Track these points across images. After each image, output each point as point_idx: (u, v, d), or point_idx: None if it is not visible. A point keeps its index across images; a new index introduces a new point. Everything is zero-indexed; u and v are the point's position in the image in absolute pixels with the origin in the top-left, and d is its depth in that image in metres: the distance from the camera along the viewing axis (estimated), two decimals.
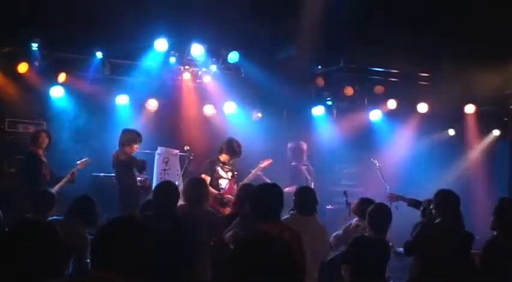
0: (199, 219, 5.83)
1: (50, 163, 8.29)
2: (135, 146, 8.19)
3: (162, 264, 4.58)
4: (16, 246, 2.64)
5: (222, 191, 8.16)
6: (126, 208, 7.68)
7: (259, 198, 4.67)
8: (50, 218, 5.62)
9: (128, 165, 8.12)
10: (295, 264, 2.39)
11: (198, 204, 6.00)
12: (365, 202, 6.23)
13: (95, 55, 9.46)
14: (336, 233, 6.74)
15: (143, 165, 8.28)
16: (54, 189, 6.94)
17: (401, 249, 6.16)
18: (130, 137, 8.16)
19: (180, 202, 5.91)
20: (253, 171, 8.61)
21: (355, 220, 6.63)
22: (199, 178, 6.45)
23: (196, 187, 6.12)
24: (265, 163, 8.80)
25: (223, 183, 8.28)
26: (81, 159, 8.23)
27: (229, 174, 8.35)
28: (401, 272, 6.36)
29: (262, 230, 4.30)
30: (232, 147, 8.33)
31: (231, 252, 2.54)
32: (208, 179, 8.02)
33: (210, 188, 7.86)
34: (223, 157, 8.34)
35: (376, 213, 5.52)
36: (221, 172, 8.28)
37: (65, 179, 7.95)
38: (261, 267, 2.32)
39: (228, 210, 7.53)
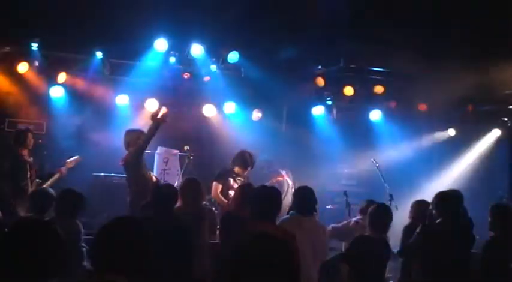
0: (198, 219, 5.84)
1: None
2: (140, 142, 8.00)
3: (162, 264, 4.58)
4: (16, 246, 2.64)
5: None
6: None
7: (256, 198, 4.71)
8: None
9: (136, 161, 7.84)
10: (293, 263, 2.39)
11: (195, 203, 6.01)
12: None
13: (95, 55, 9.47)
14: (334, 225, 6.82)
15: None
16: (44, 187, 6.93)
17: (394, 250, 6.17)
18: (134, 135, 8.00)
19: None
20: (267, 184, 8.53)
21: (356, 218, 6.67)
22: (194, 178, 6.45)
23: (192, 187, 6.12)
24: (279, 179, 8.77)
25: (233, 193, 8.15)
26: (70, 157, 8.12)
27: None
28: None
29: (258, 229, 4.35)
30: (244, 159, 8.17)
31: (230, 251, 2.54)
32: (219, 187, 7.97)
33: (220, 196, 7.88)
34: (237, 169, 8.20)
35: (377, 213, 5.52)
36: (232, 183, 8.11)
37: (54, 177, 7.85)
38: (260, 266, 2.32)
39: None
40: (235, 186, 7.94)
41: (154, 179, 8.21)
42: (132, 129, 8.09)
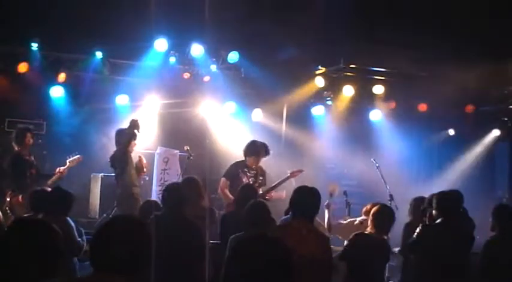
0: (199, 219, 5.83)
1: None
2: (133, 142, 8.04)
3: (164, 265, 4.57)
4: (15, 246, 2.64)
5: None
6: (125, 210, 7.63)
7: (295, 197, 4.76)
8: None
9: (123, 158, 7.86)
10: (292, 266, 2.39)
11: (195, 203, 6.01)
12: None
13: (94, 55, 9.47)
14: (340, 221, 6.90)
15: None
16: (43, 187, 6.96)
17: (396, 249, 6.17)
18: (124, 134, 8.04)
19: None
20: (280, 180, 8.33)
21: (360, 218, 6.70)
22: (192, 177, 6.45)
23: (191, 187, 6.12)
24: (296, 173, 8.55)
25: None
26: (71, 156, 8.14)
27: (252, 179, 7.96)
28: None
29: (291, 225, 4.45)
30: (255, 148, 7.99)
31: (229, 252, 2.54)
32: (227, 183, 7.85)
33: (227, 193, 7.78)
34: (249, 161, 8.00)
35: (379, 214, 5.52)
36: (243, 177, 7.95)
37: (54, 177, 7.91)
38: (258, 268, 2.31)
39: None
40: (245, 180, 7.87)
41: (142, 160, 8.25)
42: (122, 128, 8.14)
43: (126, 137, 7.82)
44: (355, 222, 6.67)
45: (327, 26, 9.48)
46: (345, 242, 6.47)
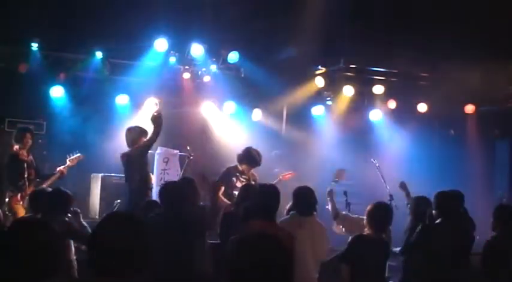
0: (198, 219, 5.84)
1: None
2: (144, 139, 7.92)
3: (164, 264, 4.57)
4: (15, 246, 2.63)
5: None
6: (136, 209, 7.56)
7: (257, 197, 4.69)
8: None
9: (141, 159, 7.68)
10: (290, 263, 2.39)
11: (194, 203, 6.01)
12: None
13: (95, 55, 9.47)
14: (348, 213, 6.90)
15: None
16: (43, 187, 6.96)
17: (397, 249, 6.15)
18: (138, 131, 7.92)
19: None
20: (273, 183, 8.39)
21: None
22: (189, 177, 6.45)
23: (189, 186, 6.11)
24: (287, 176, 8.60)
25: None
26: (71, 155, 8.11)
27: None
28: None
29: (257, 228, 4.35)
30: (252, 157, 7.95)
31: (229, 250, 2.54)
32: (221, 188, 7.79)
33: (222, 198, 7.69)
34: (242, 167, 7.99)
35: (375, 213, 5.49)
36: (236, 182, 7.92)
37: (54, 177, 7.88)
38: (258, 265, 2.31)
39: None
40: (238, 185, 7.82)
41: (153, 179, 8.22)
42: (135, 125, 8.03)
43: (137, 135, 7.71)
44: (363, 221, 6.62)
45: (327, 26, 9.47)
46: (348, 238, 6.48)
